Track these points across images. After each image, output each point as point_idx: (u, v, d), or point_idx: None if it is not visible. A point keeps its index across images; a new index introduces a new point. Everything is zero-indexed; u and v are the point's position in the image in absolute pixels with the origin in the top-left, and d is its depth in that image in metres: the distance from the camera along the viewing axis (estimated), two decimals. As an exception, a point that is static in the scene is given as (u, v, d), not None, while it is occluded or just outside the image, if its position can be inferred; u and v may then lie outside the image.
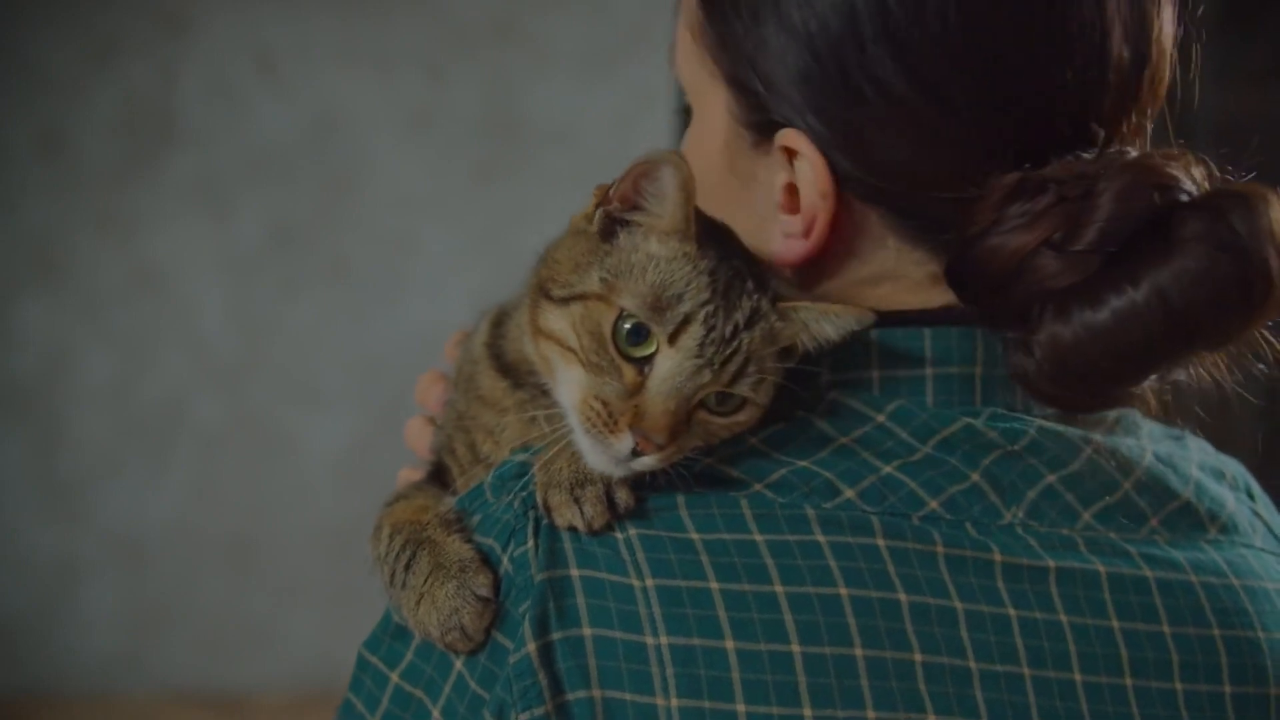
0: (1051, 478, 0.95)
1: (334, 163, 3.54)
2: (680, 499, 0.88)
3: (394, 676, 0.90)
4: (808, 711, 0.82)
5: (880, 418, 0.94)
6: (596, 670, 0.82)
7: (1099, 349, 0.90)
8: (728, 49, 0.97)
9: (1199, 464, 1.03)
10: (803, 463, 0.91)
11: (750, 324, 0.89)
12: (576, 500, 0.86)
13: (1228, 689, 0.92)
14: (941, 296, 0.98)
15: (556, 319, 0.91)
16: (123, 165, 3.47)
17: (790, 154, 0.94)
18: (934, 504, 0.91)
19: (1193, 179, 0.92)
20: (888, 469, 0.91)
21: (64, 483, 3.53)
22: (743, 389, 0.89)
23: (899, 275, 0.97)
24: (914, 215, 0.94)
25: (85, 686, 3.50)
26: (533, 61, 3.36)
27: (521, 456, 0.91)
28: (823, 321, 0.91)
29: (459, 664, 0.86)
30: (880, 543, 0.88)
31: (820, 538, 0.87)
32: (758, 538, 0.87)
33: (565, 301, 0.91)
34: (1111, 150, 0.92)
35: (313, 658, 3.55)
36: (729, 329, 0.88)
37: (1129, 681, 0.89)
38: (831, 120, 0.93)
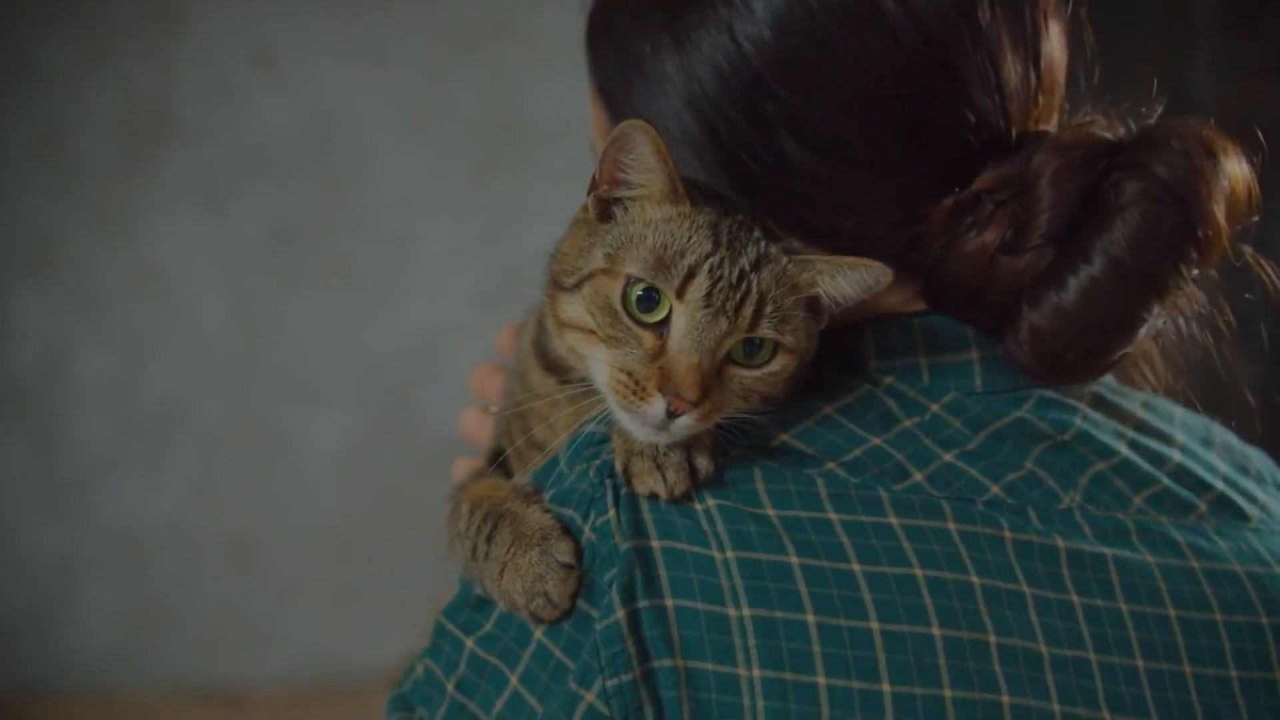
0: (1102, 465, 0.97)
1: (333, 161, 3.54)
2: (757, 473, 0.90)
3: (470, 643, 0.91)
4: (886, 687, 0.84)
5: (935, 407, 0.97)
6: (680, 640, 0.83)
7: (1076, 327, 0.94)
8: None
9: (1225, 458, 1.06)
10: (876, 440, 0.93)
11: (758, 266, 0.90)
12: (659, 467, 0.88)
13: (1279, 675, 0.94)
14: (916, 299, 1.02)
15: (572, 306, 0.94)
16: (121, 163, 3.47)
17: None
18: (996, 489, 0.93)
19: (1113, 137, 0.97)
20: (948, 457, 0.94)
21: (63, 481, 3.53)
22: (766, 330, 0.90)
23: (882, 297, 0.98)
24: (875, 254, 0.96)
25: (85, 684, 3.50)
26: (532, 59, 3.36)
27: (595, 427, 0.93)
28: (837, 275, 0.92)
29: (539, 633, 0.87)
30: (951, 526, 0.90)
31: (894, 520, 0.89)
32: (833, 516, 0.89)
33: (577, 287, 0.94)
34: (1026, 147, 0.96)
35: (312, 655, 3.55)
36: (735, 273, 0.89)
37: (1187, 669, 0.92)
38: (760, 201, 0.96)
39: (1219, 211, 0.93)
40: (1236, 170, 0.95)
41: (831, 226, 0.96)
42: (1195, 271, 0.95)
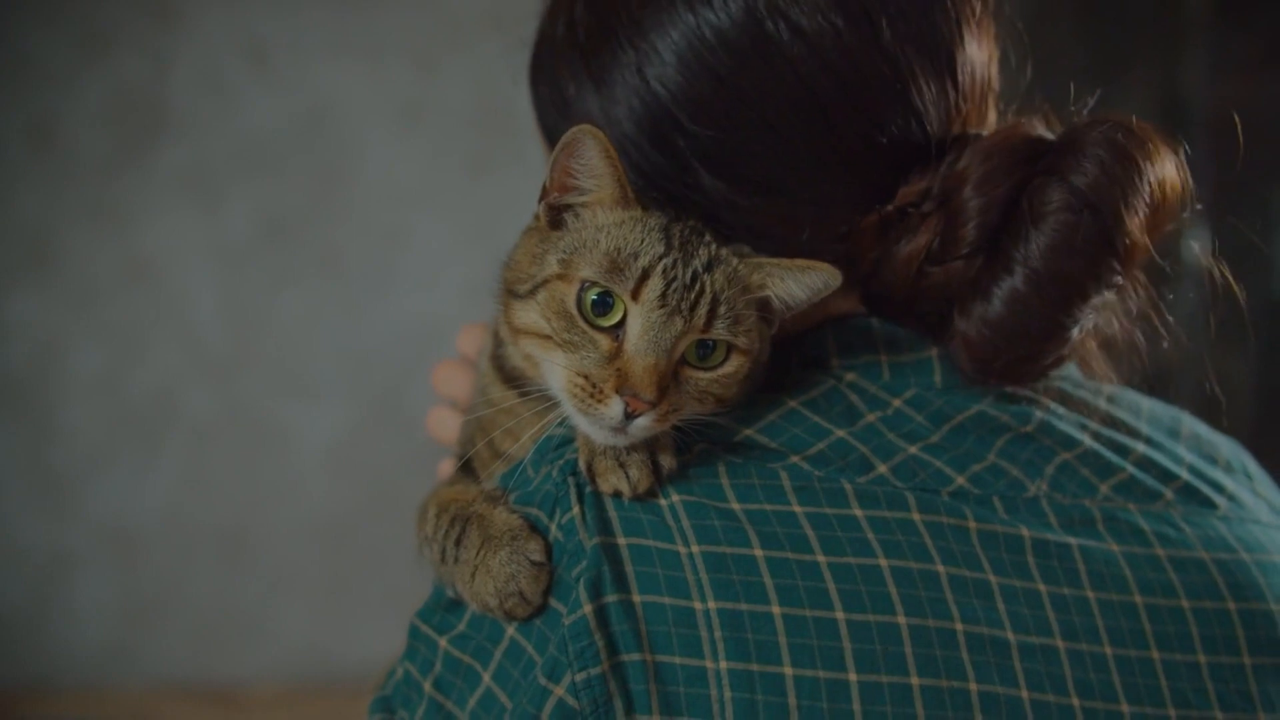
0: (1066, 455, 0.98)
1: (325, 155, 3.53)
2: (721, 468, 0.90)
3: (443, 643, 0.92)
4: (853, 676, 0.84)
5: (897, 402, 0.97)
6: (647, 635, 0.84)
7: (1003, 336, 0.95)
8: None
9: (1193, 449, 1.06)
10: (840, 432, 0.93)
11: (710, 267, 0.91)
12: (622, 465, 0.88)
13: (1247, 660, 0.95)
14: None
15: (527, 312, 0.94)
16: (114, 157, 3.47)
17: None
18: (961, 479, 0.94)
19: (1044, 136, 0.97)
20: (913, 449, 0.94)
21: (55, 475, 3.53)
22: (719, 331, 0.91)
23: (836, 302, 1.00)
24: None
25: (77, 679, 3.50)
26: (525, 54, 3.34)
27: (560, 430, 0.93)
28: (787, 278, 0.93)
29: (511, 630, 0.88)
30: (916, 517, 0.90)
31: (858, 512, 0.89)
32: (797, 509, 0.89)
33: (531, 293, 0.94)
34: (949, 153, 0.97)
35: (303, 649, 3.55)
36: (689, 274, 0.90)
37: (1155, 654, 0.92)
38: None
39: (1135, 221, 0.93)
40: (1163, 173, 0.94)
41: (766, 249, 0.97)
42: (1119, 280, 0.95)
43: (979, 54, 1.00)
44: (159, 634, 3.57)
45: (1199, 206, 0.98)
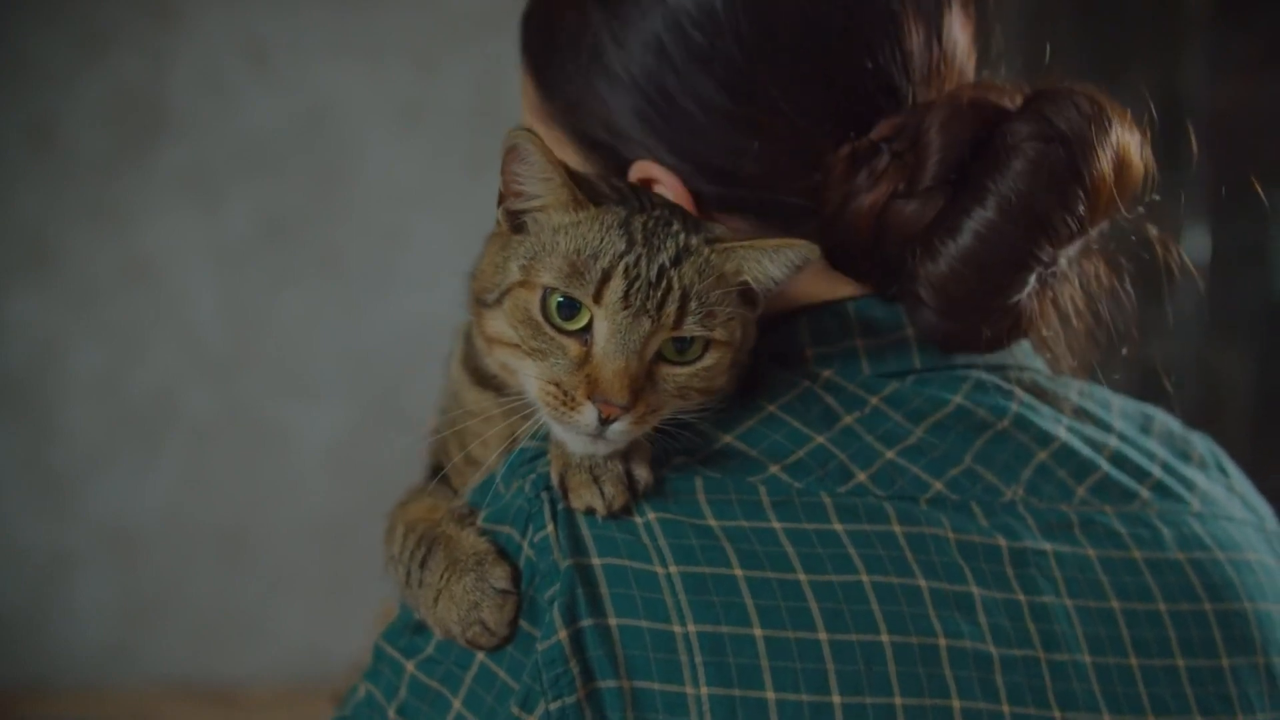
0: (1043, 454, 0.97)
1: (325, 155, 3.53)
2: (698, 483, 0.88)
3: (410, 668, 0.89)
4: (836, 699, 0.82)
5: (874, 400, 0.95)
6: (625, 660, 0.81)
7: (973, 271, 0.93)
8: (567, 113, 1.02)
9: (1165, 445, 1.05)
10: (819, 438, 0.91)
11: (677, 261, 0.88)
12: (596, 479, 0.85)
13: (1225, 661, 0.93)
14: (848, 285, 1.01)
15: (496, 321, 0.91)
16: (114, 157, 3.47)
17: (648, 182, 0.97)
18: (939, 485, 0.92)
19: (1005, 96, 0.97)
20: (890, 454, 0.92)
21: (55, 474, 3.53)
22: (692, 327, 0.88)
23: (811, 285, 0.98)
24: (776, 214, 0.96)
25: (77, 679, 3.50)
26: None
27: (532, 444, 0.91)
28: (763, 259, 0.90)
29: (482, 655, 0.85)
30: (896, 529, 0.89)
31: (838, 526, 0.87)
32: (776, 525, 0.86)
33: (498, 301, 0.91)
34: (923, 102, 0.96)
35: (303, 649, 3.55)
36: (654, 271, 0.87)
37: (1134, 660, 0.91)
38: (674, 146, 0.96)
39: (1105, 162, 0.93)
40: (1128, 138, 0.95)
41: (736, 171, 0.96)
42: (1085, 226, 0.95)
43: (959, 36, 1.01)
44: (159, 634, 3.57)
45: (1146, 200, 0.99)
